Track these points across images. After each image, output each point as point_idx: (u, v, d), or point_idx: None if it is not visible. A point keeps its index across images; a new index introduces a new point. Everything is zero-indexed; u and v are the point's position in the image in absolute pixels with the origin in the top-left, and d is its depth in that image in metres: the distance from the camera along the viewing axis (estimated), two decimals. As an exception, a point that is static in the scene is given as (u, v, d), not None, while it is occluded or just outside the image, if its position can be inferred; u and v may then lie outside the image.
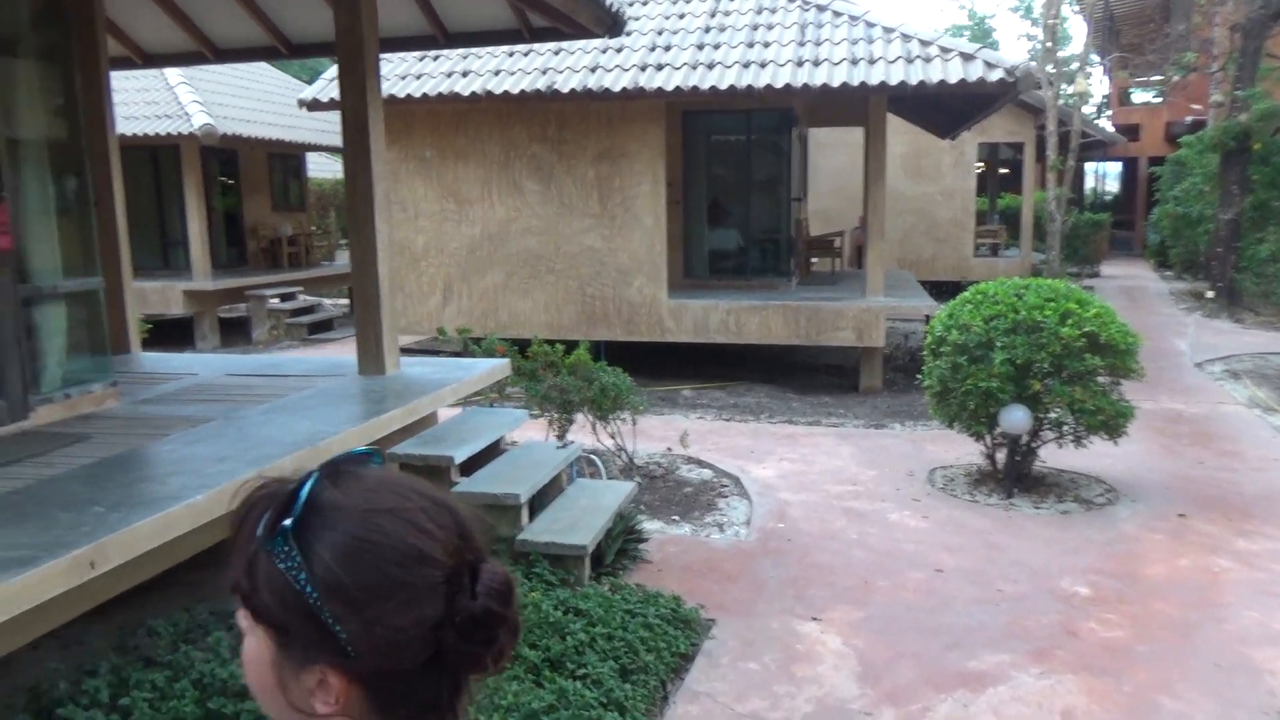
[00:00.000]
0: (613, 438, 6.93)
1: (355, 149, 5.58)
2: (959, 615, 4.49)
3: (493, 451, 5.46)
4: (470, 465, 5.26)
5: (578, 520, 4.81)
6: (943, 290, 16.09)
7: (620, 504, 5.14)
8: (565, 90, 9.69)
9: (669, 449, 7.44)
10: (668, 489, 6.43)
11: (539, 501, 5.22)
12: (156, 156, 14.45)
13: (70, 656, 3.77)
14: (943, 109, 12.70)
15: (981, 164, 19.58)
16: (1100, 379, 6.06)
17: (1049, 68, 16.94)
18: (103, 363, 5.18)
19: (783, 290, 10.96)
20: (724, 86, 9.42)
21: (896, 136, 16.87)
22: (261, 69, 18.04)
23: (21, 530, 3.03)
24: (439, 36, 6.90)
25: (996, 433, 6.36)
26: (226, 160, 15.60)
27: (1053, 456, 6.62)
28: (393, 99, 10.24)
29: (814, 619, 4.44)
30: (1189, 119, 22.39)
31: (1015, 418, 6.00)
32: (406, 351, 11.57)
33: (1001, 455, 6.47)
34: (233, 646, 3.62)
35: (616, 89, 9.59)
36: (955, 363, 6.23)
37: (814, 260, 14.69)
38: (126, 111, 14.11)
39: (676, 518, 5.84)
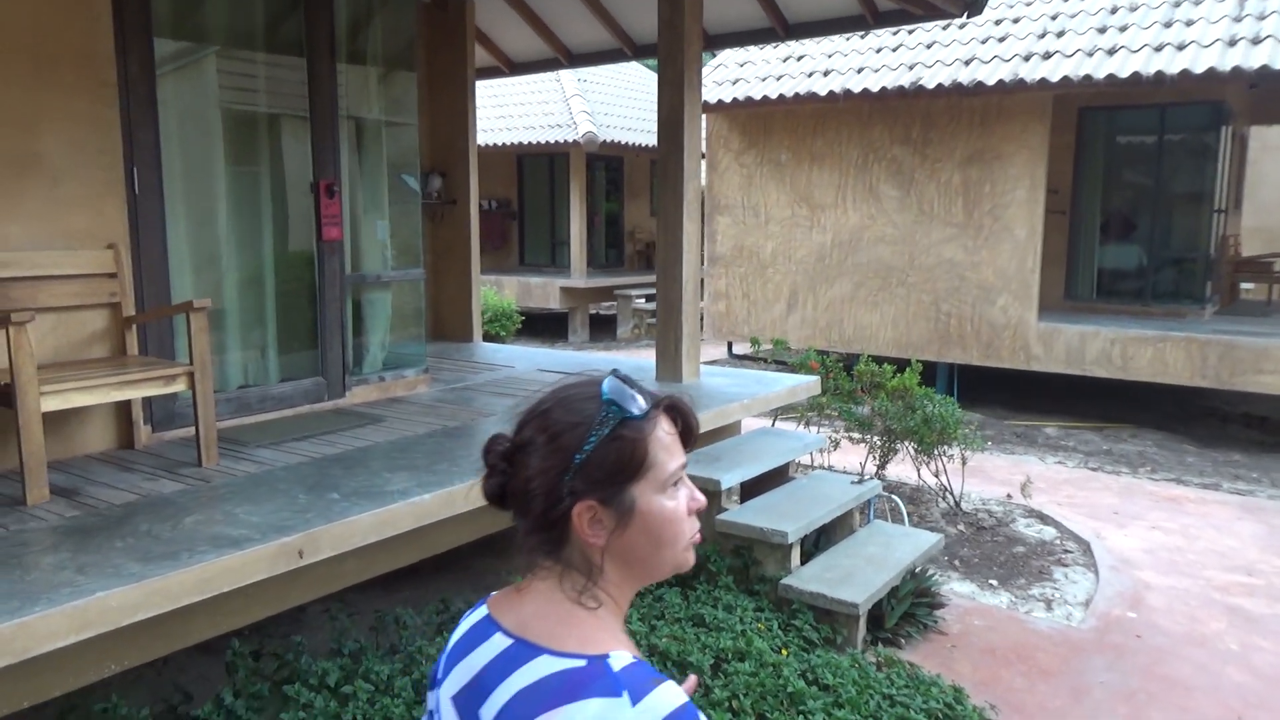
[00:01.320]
0: (936, 476, 6.05)
1: (669, 145, 5.36)
2: (1383, 795, 3.15)
3: (778, 477, 4.93)
4: (752, 489, 4.79)
5: (856, 571, 4.13)
6: None
7: (915, 558, 4.36)
8: (931, 86, 8.80)
9: (1009, 495, 6.36)
10: (994, 545, 5.44)
11: (824, 541, 4.62)
12: (552, 163, 15.73)
13: (334, 629, 3.89)
14: None
15: None
16: None
17: None
18: (419, 350, 5.46)
19: (1191, 320, 9.04)
20: (1125, 75, 7.93)
21: (1382, 134, 13.43)
22: (649, 78, 18.92)
23: (258, 509, 3.12)
24: (778, 29, 6.50)
25: None
26: (614, 167, 16.54)
27: None
28: (750, 100, 10.04)
29: (1149, 753, 3.37)
30: None
31: None
32: (745, 359, 11.38)
33: None
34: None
35: (991, 82, 8.50)
36: None
37: (1248, 287, 12.13)
38: (528, 122, 15.51)
39: (994, 582, 4.88)
